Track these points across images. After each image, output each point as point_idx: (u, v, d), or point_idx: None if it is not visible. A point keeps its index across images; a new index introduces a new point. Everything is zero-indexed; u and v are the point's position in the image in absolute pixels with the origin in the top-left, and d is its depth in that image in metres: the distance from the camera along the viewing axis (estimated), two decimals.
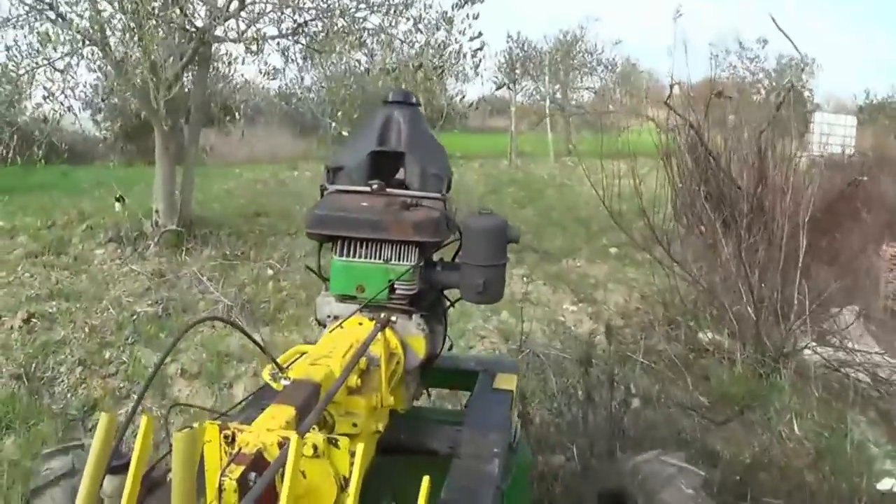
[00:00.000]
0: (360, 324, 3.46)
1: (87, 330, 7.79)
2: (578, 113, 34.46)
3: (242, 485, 2.07)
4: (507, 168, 24.22)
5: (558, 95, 35.68)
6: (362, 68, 13.81)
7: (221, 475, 2.08)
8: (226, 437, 2.20)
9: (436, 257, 3.94)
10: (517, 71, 33.75)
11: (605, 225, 13.61)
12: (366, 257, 3.57)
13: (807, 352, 9.15)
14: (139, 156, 21.70)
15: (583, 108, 35.38)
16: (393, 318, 3.47)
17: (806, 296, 9.31)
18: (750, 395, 8.62)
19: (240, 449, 2.21)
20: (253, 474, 2.14)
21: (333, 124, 13.69)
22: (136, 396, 6.96)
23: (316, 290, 8.84)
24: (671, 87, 10.95)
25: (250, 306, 8.83)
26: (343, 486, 2.27)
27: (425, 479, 2.40)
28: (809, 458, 7.73)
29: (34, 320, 7.84)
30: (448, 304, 4.17)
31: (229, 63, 13.90)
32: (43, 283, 8.82)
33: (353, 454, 2.27)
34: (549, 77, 34.20)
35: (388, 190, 3.71)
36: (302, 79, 18.81)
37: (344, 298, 3.66)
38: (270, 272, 9.97)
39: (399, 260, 3.58)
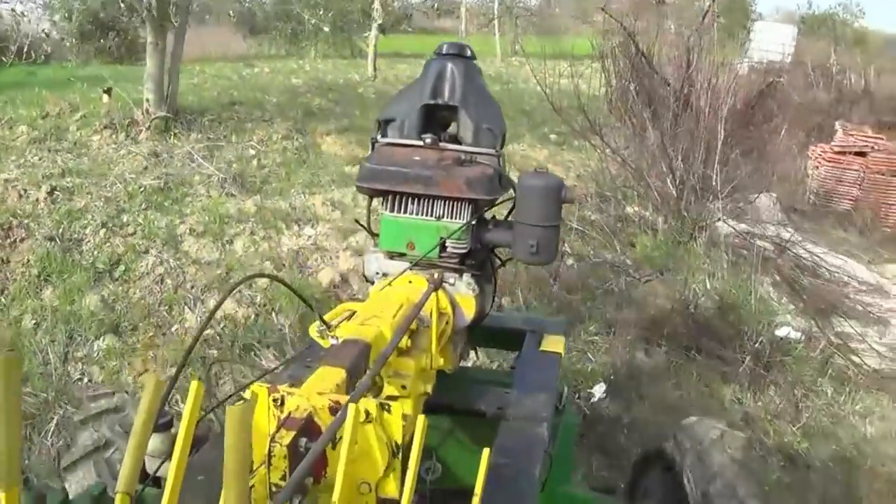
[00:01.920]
0: (410, 282, 3.51)
1: (103, 200, 8.84)
2: (525, 15, 35.44)
3: (293, 451, 2.11)
4: None
5: None
6: None
7: (271, 441, 2.11)
8: (275, 400, 2.25)
9: (488, 215, 3.94)
10: None
11: (547, 117, 15.10)
12: (417, 213, 3.60)
13: (720, 224, 10.81)
14: (96, 55, 22.58)
15: (529, 11, 36.58)
16: (447, 279, 3.58)
17: (718, 178, 10.97)
18: (669, 259, 10.28)
19: (290, 413, 2.24)
20: (304, 440, 2.16)
21: (314, 21, 15.08)
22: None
23: (293, 167, 10.32)
24: None
25: (241, 179, 10.04)
26: (395, 452, 2.29)
27: (485, 452, 2.40)
28: (718, 309, 9.35)
29: (56, 192, 8.80)
30: (499, 262, 4.14)
31: None
32: (52, 164, 9.72)
33: (405, 418, 2.29)
34: None
35: (441, 144, 3.73)
36: None
37: (393, 255, 3.71)
38: (252, 152, 11.15)
39: (451, 217, 3.59)
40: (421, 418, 2.16)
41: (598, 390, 7.85)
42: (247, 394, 2.26)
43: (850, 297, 11.53)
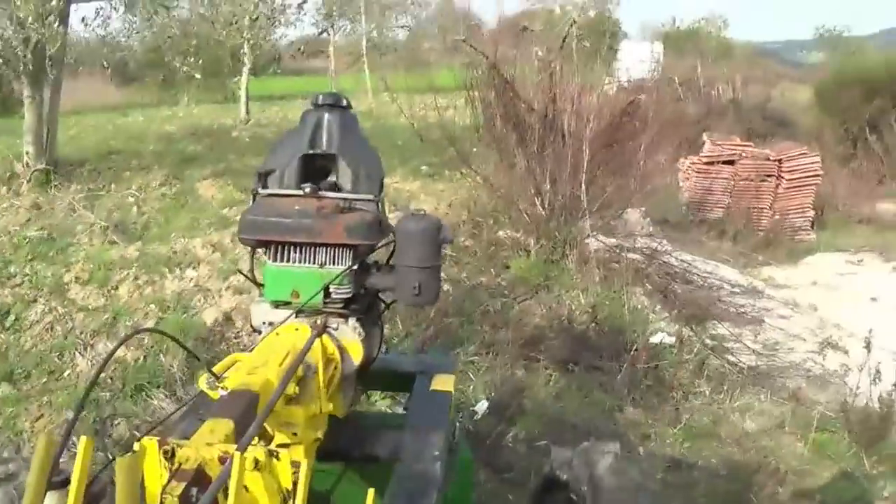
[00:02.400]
0: (297, 329, 3.46)
1: None
2: (391, 52, 35.91)
3: (184, 501, 2.12)
4: None
5: (374, 34, 36.75)
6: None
7: (163, 492, 2.13)
8: (165, 452, 2.23)
9: (372, 259, 3.93)
10: (335, 13, 34.70)
11: (418, 150, 15.41)
12: (300, 262, 3.61)
13: (590, 241, 11.28)
14: None
15: (395, 48, 37.11)
16: (331, 324, 3.57)
17: (585, 196, 11.45)
18: (543, 278, 10.67)
19: (180, 465, 2.24)
20: (194, 490, 2.18)
21: (185, 69, 15.42)
22: (70, 412, 7.35)
23: (172, 212, 10.66)
24: (468, 26, 12.91)
25: (122, 226, 10.34)
26: (286, 499, 2.28)
27: (370, 492, 2.49)
28: (593, 322, 9.77)
29: None
30: (384, 306, 4.13)
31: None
32: None
33: (295, 464, 2.28)
34: (366, 17, 35.21)
35: (320, 193, 3.73)
36: (134, 29, 19.91)
37: (279, 304, 3.67)
38: (131, 199, 11.41)
39: (333, 264, 3.60)
40: (304, 463, 2.22)
41: (481, 407, 8.13)
42: (137, 447, 2.20)
43: (722, 300, 12.08)
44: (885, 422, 8.25)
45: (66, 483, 2.12)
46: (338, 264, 3.56)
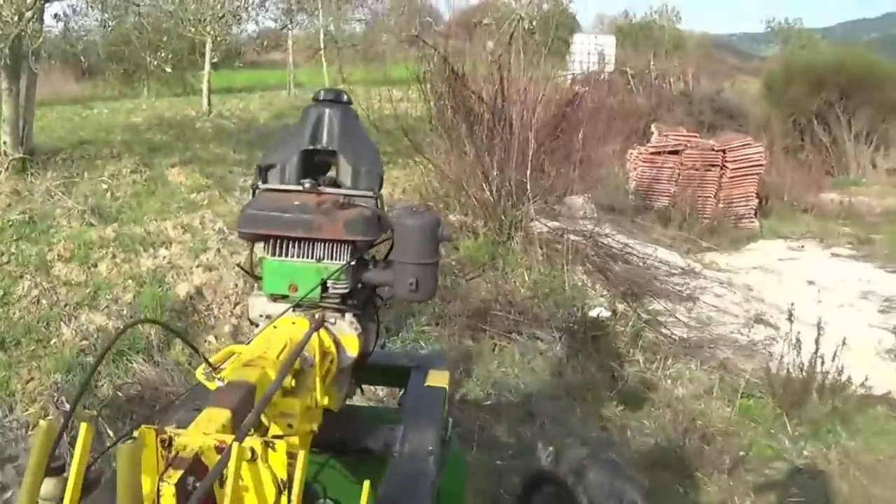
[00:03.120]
0: (294, 323, 3.48)
1: None
2: (348, 45, 36.64)
3: (181, 490, 2.12)
4: (287, 98, 25.78)
5: (332, 28, 37.01)
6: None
7: (159, 480, 2.13)
8: (162, 441, 2.24)
9: (370, 255, 3.92)
10: (294, 8, 34.94)
11: (374, 140, 16.30)
12: (298, 256, 3.60)
13: (535, 224, 12.11)
14: None
15: (353, 42, 37.74)
16: (328, 318, 3.56)
17: (530, 183, 12.31)
18: (490, 258, 11.55)
19: (177, 453, 2.24)
20: (191, 479, 2.18)
21: (156, 63, 16.16)
22: (70, 401, 7.56)
23: (144, 197, 11.47)
24: (422, 22, 13.70)
25: (98, 209, 10.97)
26: (281, 489, 2.30)
27: (365, 484, 2.51)
28: (535, 298, 10.62)
29: None
30: (381, 301, 4.15)
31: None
32: None
33: (291, 456, 2.30)
34: (323, 11, 35.44)
35: (320, 188, 3.75)
36: (106, 25, 20.43)
37: (276, 298, 3.68)
38: (104, 186, 12.04)
39: (332, 259, 3.60)
40: (301, 453, 2.25)
41: None
42: (136, 434, 2.18)
43: (659, 279, 12.79)
44: (805, 388, 8.83)
45: (62, 470, 2.20)
46: (336, 259, 3.59)
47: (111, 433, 7.28)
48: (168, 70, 16.79)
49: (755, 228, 19.09)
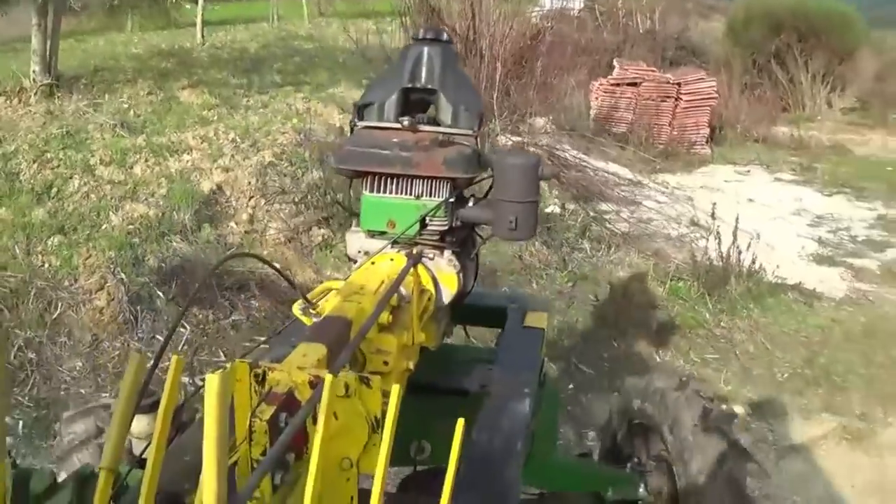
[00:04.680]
0: (392, 259, 3.54)
1: (27, 144, 11.10)
2: None
3: (273, 426, 2.18)
4: (270, 29, 26.35)
5: None
6: None
7: (252, 416, 2.17)
8: (256, 375, 2.29)
9: (469, 193, 4.00)
10: None
11: (358, 67, 17.93)
12: (397, 193, 3.67)
13: (500, 138, 14.26)
14: None
15: None
16: (427, 255, 3.63)
17: (497, 104, 14.58)
18: None
19: (270, 388, 2.30)
20: (284, 415, 2.23)
21: None
22: (161, 338, 8.49)
23: (162, 114, 13.51)
24: None
25: (126, 124, 12.39)
26: (374, 427, 2.32)
27: (459, 422, 2.25)
28: None
29: None
30: (480, 240, 4.19)
31: None
32: None
33: (385, 394, 2.26)
34: None
35: (419, 126, 3.79)
36: None
37: (375, 234, 3.76)
38: (126, 106, 13.45)
39: (431, 196, 3.65)
40: (395, 388, 2.14)
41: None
42: (228, 366, 2.23)
43: (609, 187, 14.68)
44: (725, 273, 10.70)
45: (155, 406, 2.13)
46: (435, 196, 3.67)
47: (161, 295, 9.09)
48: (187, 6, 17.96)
49: (707, 155, 20.87)
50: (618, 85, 20.48)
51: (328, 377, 2.07)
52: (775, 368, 9.42)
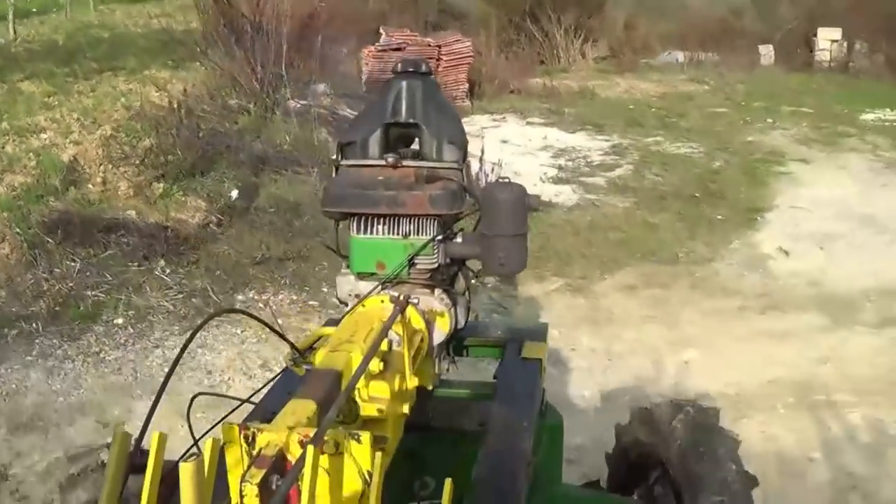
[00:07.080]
0: (383, 301, 3.50)
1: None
2: None
3: (264, 489, 2.16)
4: (65, 20, 27.69)
5: None
6: None
7: (242, 480, 2.17)
8: (246, 437, 2.34)
9: (457, 228, 3.93)
10: None
11: (157, 51, 21.13)
12: (384, 233, 3.65)
13: (290, 103, 17.53)
14: None
15: None
16: (413, 298, 3.46)
17: (285, 74, 17.83)
18: (261, 128, 16.42)
19: (260, 450, 2.32)
20: (275, 477, 2.23)
21: None
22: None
23: (11, 104, 17.00)
24: None
25: None
26: (367, 481, 2.36)
27: (447, 482, 2.45)
28: (294, 148, 15.59)
29: None
30: (472, 274, 4.16)
31: None
32: None
33: (381, 440, 2.41)
34: None
35: (403, 163, 3.79)
36: None
37: (364, 276, 3.75)
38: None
39: (418, 234, 3.64)
40: (378, 456, 2.28)
41: (234, 194, 13.09)
42: (220, 428, 2.41)
43: None
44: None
45: (144, 469, 2.19)
46: (422, 234, 3.66)
47: (49, 241, 10.92)
48: None
49: (467, 107, 23.74)
50: (385, 51, 23.12)
51: (310, 448, 2.16)
52: None
